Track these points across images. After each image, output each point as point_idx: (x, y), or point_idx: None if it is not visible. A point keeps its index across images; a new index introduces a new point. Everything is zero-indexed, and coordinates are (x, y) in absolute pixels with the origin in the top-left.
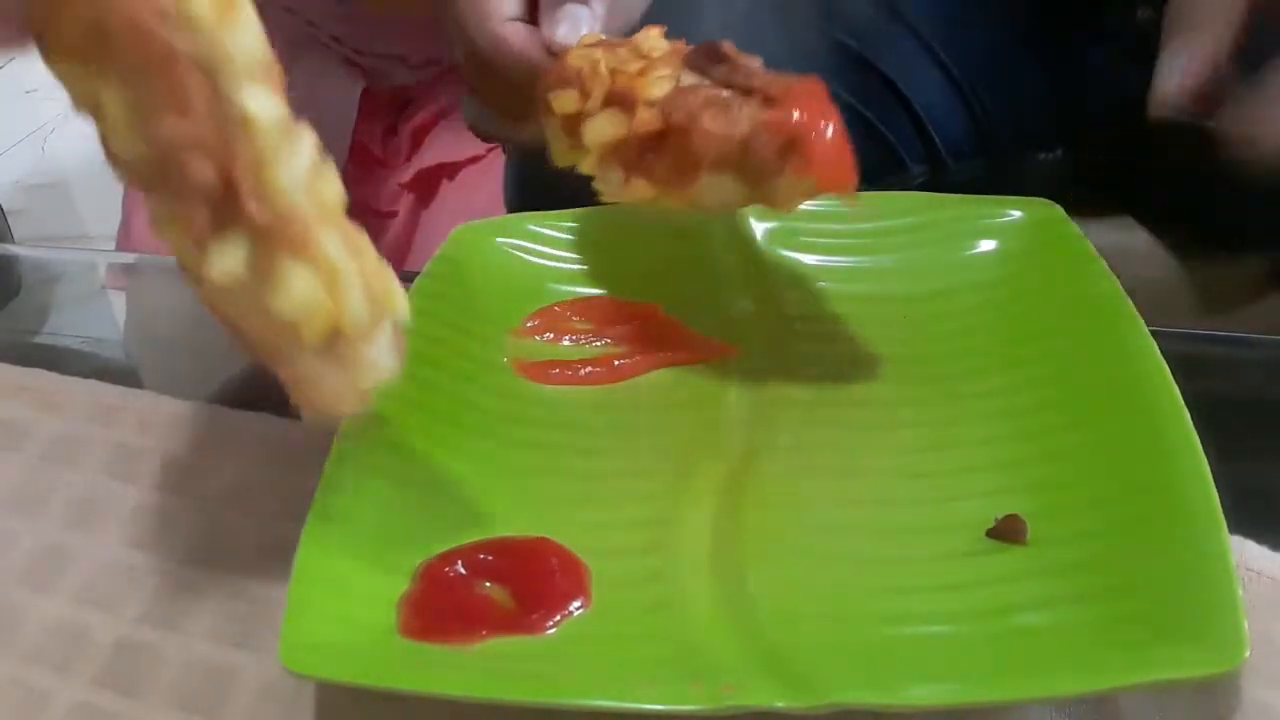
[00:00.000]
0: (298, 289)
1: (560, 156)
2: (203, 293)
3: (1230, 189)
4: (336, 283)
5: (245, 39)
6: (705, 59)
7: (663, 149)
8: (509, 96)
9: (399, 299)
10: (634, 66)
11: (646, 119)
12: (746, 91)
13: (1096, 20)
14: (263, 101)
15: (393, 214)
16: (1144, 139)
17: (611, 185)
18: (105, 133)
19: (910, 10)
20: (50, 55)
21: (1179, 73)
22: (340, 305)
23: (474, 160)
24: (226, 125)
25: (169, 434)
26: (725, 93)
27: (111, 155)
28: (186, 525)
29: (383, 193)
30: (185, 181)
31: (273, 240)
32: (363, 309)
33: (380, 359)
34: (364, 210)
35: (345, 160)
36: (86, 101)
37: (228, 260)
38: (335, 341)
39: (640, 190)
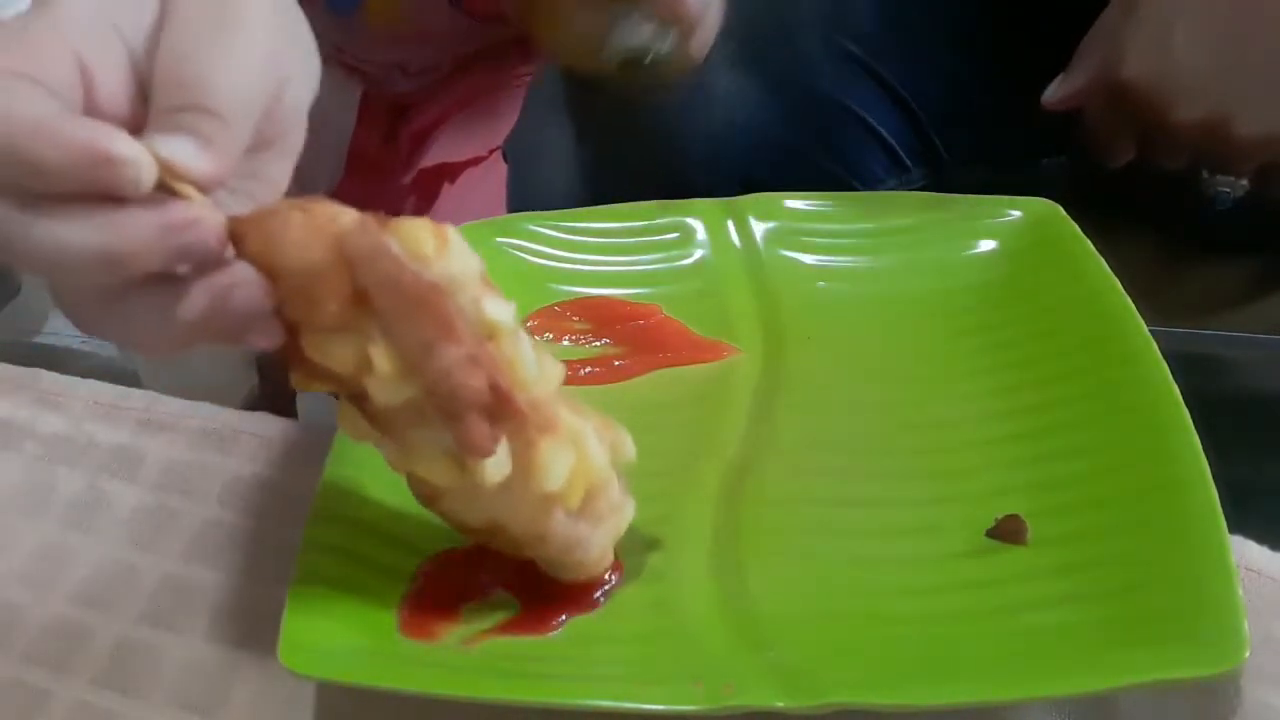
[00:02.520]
0: (559, 463)
1: None
2: (449, 509)
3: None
4: (582, 445)
5: (467, 261)
6: None
7: None
8: None
9: (627, 441)
10: None
11: None
12: None
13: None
14: (499, 308)
15: (394, 217)
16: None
17: None
18: (370, 389)
19: (914, 17)
20: (310, 340)
21: (1054, 94)
22: (590, 464)
23: (474, 162)
24: (479, 339)
25: (169, 434)
26: None
27: (368, 416)
28: (186, 525)
29: (382, 197)
30: (462, 401)
31: (527, 429)
32: (605, 461)
33: (623, 502)
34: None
35: (343, 165)
36: (345, 370)
37: (502, 460)
38: (588, 500)
39: None
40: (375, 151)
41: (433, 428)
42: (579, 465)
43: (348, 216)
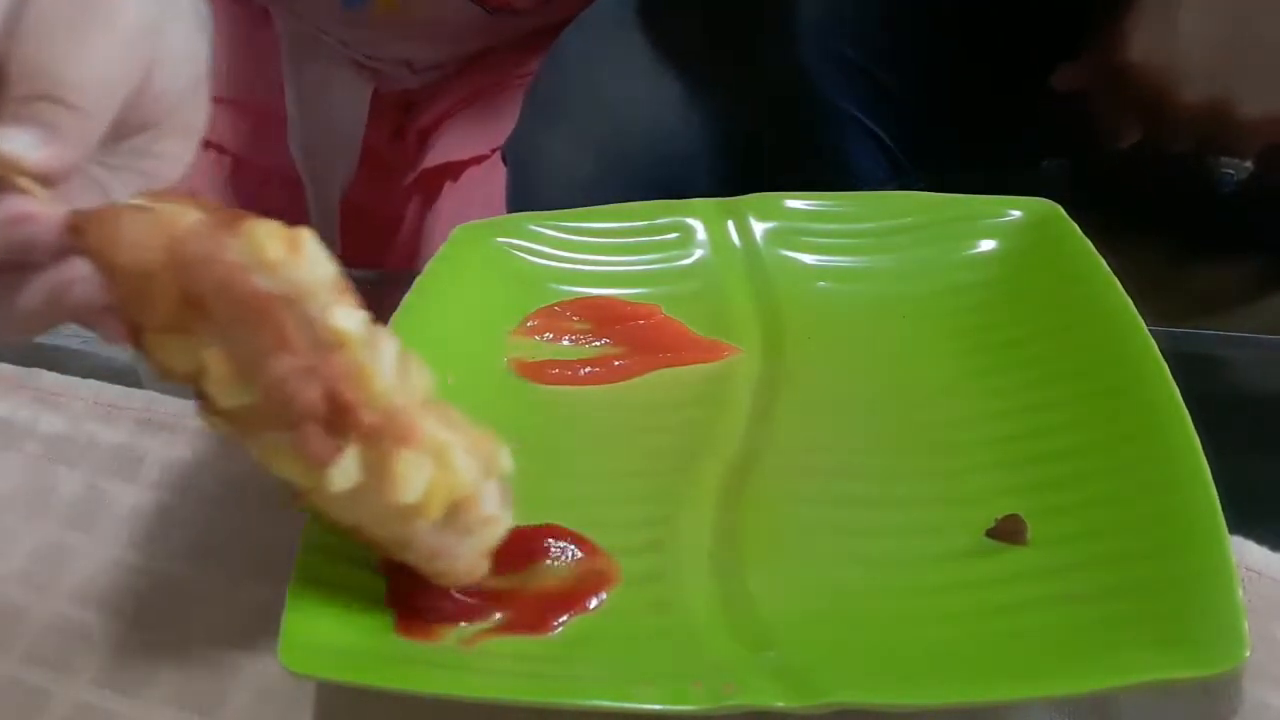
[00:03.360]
0: (416, 475)
1: None
2: (315, 506)
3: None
4: (446, 457)
5: (318, 268)
6: None
7: None
8: None
9: (503, 455)
10: None
11: None
12: None
13: (1097, 29)
14: (348, 317)
15: (401, 217)
16: (1145, 143)
17: None
18: (210, 392)
19: (911, 20)
20: (149, 338)
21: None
22: (454, 477)
23: (476, 161)
24: (322, 348)
25: (169, 434)
26: None
27: (214, 413)
28: (186, 525)
29: (392, 196)
30: (296, 411)
31: (383, 439)
32: (474, 474)
33: (497, 515)
34: (376, 215)
35: (357, 161)
36: (187, 370)
37: (348, 469)
38: (454, 512)
39: None
40: (385, 149)
41: (281, 430)
42: (440, 477)
43: (190, 217)
